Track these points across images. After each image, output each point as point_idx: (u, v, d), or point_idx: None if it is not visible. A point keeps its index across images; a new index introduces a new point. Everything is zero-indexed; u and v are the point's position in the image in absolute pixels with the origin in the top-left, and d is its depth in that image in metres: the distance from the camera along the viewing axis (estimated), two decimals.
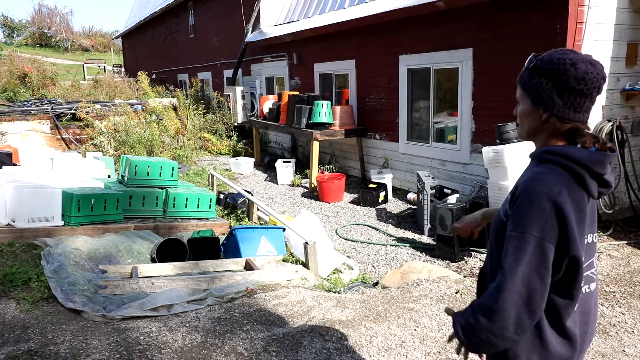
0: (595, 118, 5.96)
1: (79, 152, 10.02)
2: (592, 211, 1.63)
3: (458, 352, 1.72)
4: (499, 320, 1.52)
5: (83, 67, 30.94)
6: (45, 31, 46.83)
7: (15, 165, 7.75)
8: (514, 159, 5.54)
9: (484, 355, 1.80)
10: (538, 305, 1.51)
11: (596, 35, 5.83)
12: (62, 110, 12.49)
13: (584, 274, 1.61)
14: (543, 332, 1.61)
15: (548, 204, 1.48)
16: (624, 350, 3.51)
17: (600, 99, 5.91)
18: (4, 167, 7.04)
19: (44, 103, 14.07)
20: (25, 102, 14.89)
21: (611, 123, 5.91)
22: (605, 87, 1.70)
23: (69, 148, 11.80)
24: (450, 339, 1.74)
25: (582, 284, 1.60)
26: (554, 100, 1.56)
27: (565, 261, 1.53)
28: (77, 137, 12.12)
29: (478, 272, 1.94)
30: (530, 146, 1.75)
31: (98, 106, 12.98)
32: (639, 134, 6.45)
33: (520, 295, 1.49)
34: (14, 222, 5.40)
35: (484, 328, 1.55)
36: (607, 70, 5.95)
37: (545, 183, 1.51)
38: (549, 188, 1.50)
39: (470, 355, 1.71)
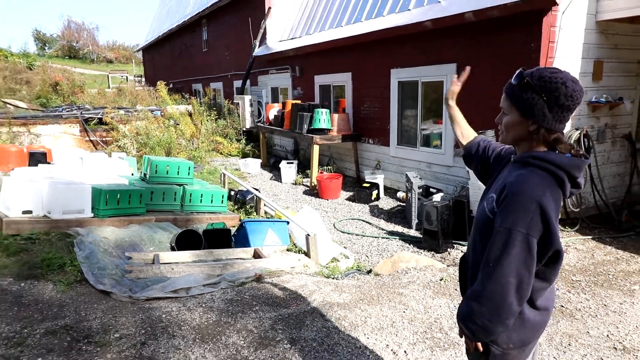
0: (565, 127, 6.00)
1: (105, 153, 10.02)
2: None
3: (468, 346, 1.75)
4: (489, 305, 1.56)
5: (107, 77, 30.90)
6: (74, 44, 46.75)
7: (49, 163, 7.77)
8: None
9: None
10: (525, 291, 1.56)
11: (566, 53, 5.89)
12: (89, 115, 12.50)
13: None
14: (522, 311, 1.65)
15: (534, 204, 1.51)
16: (588, 332, 3.56)
17: None
18: (40, 165, 7.06)
19: (73, 109, 14.08)
20: (57, 108, 14.88)
21: (579, 131, 5.97)
22: None
23: (96, 149, 11.81)
24: (460, 334, 1.75)
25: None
26: (545, 114, 1.58)
27: (549, 253, 1.58)
28: (104, 139, 12.13)
29: (460, 260, 1.97)
30: None
31: (122, 112, 12.99)
32: (604, 142, 6.51)
33: (510, 283, 1.53)
34: (49, 214, 5.42)
35: (477, 313, 1.58)
36: None
37: (531, 185, 1.54)
38: (534, 190, 1.53)
39: None
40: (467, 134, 2.17)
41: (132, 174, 7.88)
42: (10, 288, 3.94)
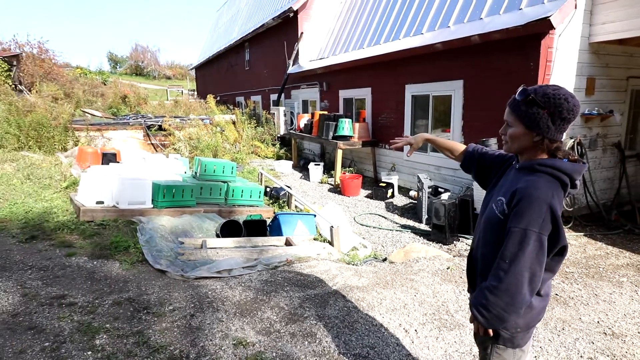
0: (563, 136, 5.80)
1: (164, 154, 10.22)
2: None
3: (476, 330, 1.70)
4: (505, 296, 1.51)
5: (166, 91, 31.56)
6: (140, 64, 48.00)
7: (118, 162, 7.97)
8: None
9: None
10: (537, 284, 1.51)
11: (562, 71, 5.66)
12: (151, 123, 12.74)
13: None
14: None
15: (545, 206, 1.46)
16: (580, 318, 3.41)
17: None
18: (110, 163, 7.24)
19: (138, 117, 14.39)
20: (125, 116, 15.25)
21: (573, 140, 5.74)
22: None
23: (156, 151, 12.05)
24: (471, 320, 1.71)
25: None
26: (549, 127, 1.53)
27: (557, 248, 1.53)
28: (162, 142, 12.36)
29: (465, 253, 1.93)
30: None
31: (177, 120, 13.20)
32: (595, 149, 6.24)
33: (525, 277, 1.48)
34: (117, 204, 5.55)
35: (493, 303, 1.53)
36: None
37: (542, 190, 1.49)
38: (545, 194, 1.48)
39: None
40: (455, 150, 2.09)
41: (185, 172, 7.99)
42: (85, 265, 4.04)
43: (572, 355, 2.89)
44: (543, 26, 5.31)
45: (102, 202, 5.53)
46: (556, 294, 3.83)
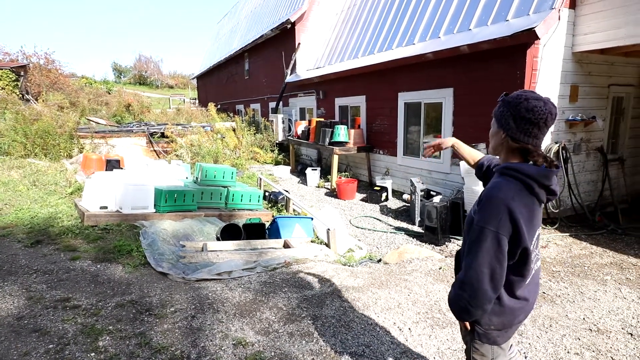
0: (546, 141, 5.83)
1: (166, 160, 10.18)
2: (539, 212, 1.61)
3: (460, 326, 1.74)
4: (469, 290, 1.52)
5: (169, 99, 31.49)
6: (143, 73, 47.92)
7: (122, 169, 7.93)
8: None
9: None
10: (498, 280, 1.51)
11: (547, 79, 5.70)
12: (154, 130, 12.70)
13: (535, 255, 1.62)
14: (501, 299, 1.61)
15: (502, 207, 1.48)
16: (567, 315, 3.41)
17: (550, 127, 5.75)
18: (114, 170, 7.21)
19: (141, 125, 14.32)
20: (129, 124, 15.19)
21: (558, 144, 5.76)
22: None
23: (158, 157, 12.00)
24: None
25: (532, 266, 1.60)
26: (509, 124, 1.56)
27: (519, 250, 1.53)
28: (165, 149, 12.32)
29: (455, 254, 1.94)
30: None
31: (179, 127, 13.17)
32: (579, 153, 6.27)
33: (484, 273, 1.49)
34: (121, 209, 5.52)
35: (459, 296, 1.56)
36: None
37: (501, 191, 1.50)
38: (504, 195, 1.49)
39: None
40: (474, 159, 2.14)
41: (187, 178, 7.94)
42: (89, 269, 4.01)
43: (559, 351, 2.89)
44: (528, 36, 5.35)
45: (105, 207, 5.50)
46: (544, 292, 3.83)
